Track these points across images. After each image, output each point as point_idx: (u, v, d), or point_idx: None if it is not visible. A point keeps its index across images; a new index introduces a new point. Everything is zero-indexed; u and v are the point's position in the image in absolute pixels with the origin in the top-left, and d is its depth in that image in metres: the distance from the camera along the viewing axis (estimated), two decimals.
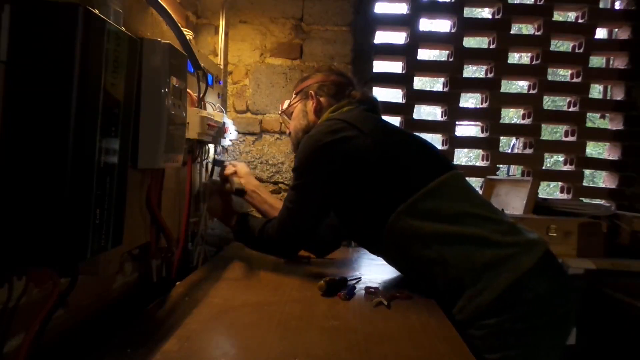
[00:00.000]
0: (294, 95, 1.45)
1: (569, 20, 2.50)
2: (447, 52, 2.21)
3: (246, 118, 1.99)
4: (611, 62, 2.29)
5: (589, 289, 1.75)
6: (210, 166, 1.52)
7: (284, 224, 1.25)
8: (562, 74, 6.50)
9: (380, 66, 2.13)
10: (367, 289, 1.15)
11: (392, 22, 2.16)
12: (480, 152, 2.27)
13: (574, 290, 1.06)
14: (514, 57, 2.45)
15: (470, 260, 1.01)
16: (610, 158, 2.23)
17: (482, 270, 1.00)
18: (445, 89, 2.19)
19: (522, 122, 2.25)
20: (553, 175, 2.42)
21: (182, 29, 1.07)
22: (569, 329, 1.06)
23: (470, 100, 7.33)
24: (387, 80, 2.16)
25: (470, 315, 1.01)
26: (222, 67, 1.87)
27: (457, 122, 2.15)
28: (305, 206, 1.22)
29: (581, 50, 2.16)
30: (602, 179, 2.32)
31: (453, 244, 1.04)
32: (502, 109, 2.20)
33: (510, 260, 1.00)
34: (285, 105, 1.48)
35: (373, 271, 1.39)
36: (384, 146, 1.15)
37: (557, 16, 2.20)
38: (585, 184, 2.19)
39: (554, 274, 1.04)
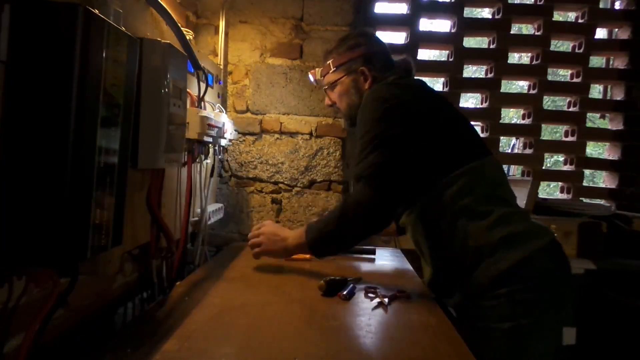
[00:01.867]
0: (332, 67, 1.32)
1: (569, 20, 2.51)
2: (447, 52, 2.21)
3: (246, 118, 1.99)
4: (611, 62, 2.29)
5: (589, 289, 1.75)
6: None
7: (371, 179, 1.09)
8: (562, 74, 6.50)
9: None
10: (367, 289, 1.15)
11: (392, 22, 2.16)
12: None
13: (572, 275, 1.14)
14: (514, 57, 2.45)
15: (490, 234, 1.06)
16: (610, 158, 2.23)
17: (498, 244, 1.05)
18: (445, 89, 2.19)
19: (522, 122, 2.25)
20: (553, 175, 2.42)
21: (182, 29, 1.08)
22: (569, 307, 1.11)
23: (470, 100, 7.32)
24: None
25: (482, 285, 1.04)
26: (222, 67, 1.88)
27: None
28: (389, 152, 1.09)
29: (581, 50, 2.16)
30: (602, 179, 2.32)
31: (477, 220, 1.07)
32: (502, 109, 2.20)
33: (524, 238, 1.06)
34: (318, 75, 1.38)
35: (373, 271, 1.39)
36: (439, 115, 1.17)
37: (557, 16, 2.20)
38: (585, 184, 2.19)
39: (560, 257, 1.11)
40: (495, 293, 1.03)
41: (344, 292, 1.10)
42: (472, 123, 1.29)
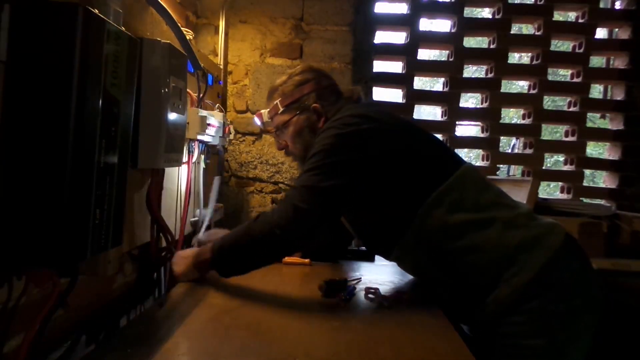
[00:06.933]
0: (281, 108, 1.25)
1: (569, 20, 2.51)
2: (447, 52, 2.21)
3: (246, 118, 1.99)
4: (611, 62, 2.29)
5: None
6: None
7: (295, 203, 1.05)
8: (562, 74, 6.48)
9: (380, 66, 2.13)
10: (367, 289, 1.15)
11: (392, 22, 2.16)
12: (480, 152, 2.27)
13: (597, 271, 1.07)
14: (514, 57, 2.44)
15: (503, 243, 1.01)
16: (611, 158, 2.23)
17: (516, 252, 0.99)
18: (445, 89, 2.19)
19: (522, 122, 2.25)
20: (553, 175, 2.42)
21: (182, 28, 1.08)
22: (603, 309, 1.04)
23: (470, 100, 7.32)
24: (387, 80, 2.16)
25: (508, 300, 0.98)
26: (222, 67, 1.88)
27: (457, 122, 2.14)
28: (327, 185, 1.05)
29: (581, 50, 2.16)
30: (602, 179, 2.32)
31: (483, 230, 1.02)
32: (502, 109, 2.20)
33: (540, 240, 1.01)
34: (266, 117, 1.31)
35: (373, 272, 1.39)
36: (407, 138, 1.13)
37: (557, 16, 2.20)
38: (585, 184, 2.19)
39: (580, 253, 1.06)
40: (525, 307, 0.97)
41: (344, 293, 1.10)
42: (472, 123, 1.28)
